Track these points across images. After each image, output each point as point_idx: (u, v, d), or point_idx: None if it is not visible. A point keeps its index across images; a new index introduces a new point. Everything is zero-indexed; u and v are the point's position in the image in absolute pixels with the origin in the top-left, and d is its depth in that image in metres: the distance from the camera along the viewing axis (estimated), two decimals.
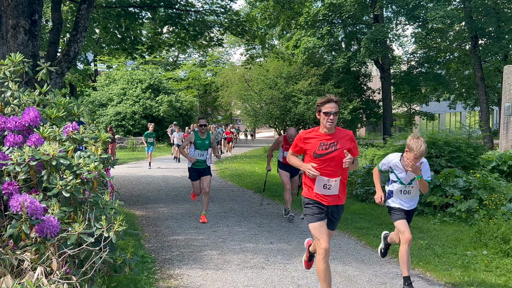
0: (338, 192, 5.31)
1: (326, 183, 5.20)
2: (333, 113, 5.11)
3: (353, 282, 6.24)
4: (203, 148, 10.08)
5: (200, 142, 10.05)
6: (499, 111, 27.00)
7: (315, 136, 5.28)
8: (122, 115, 41.22)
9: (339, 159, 5.15)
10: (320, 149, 5.18)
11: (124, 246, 6.99)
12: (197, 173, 10.20)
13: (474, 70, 35.48)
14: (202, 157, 10.12)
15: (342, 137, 5.27)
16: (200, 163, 10.09)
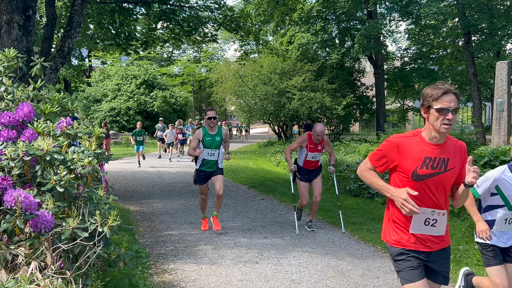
0: (444, 232, 3.61)
1: (429, 217, 3.52)
2: (452, 110, 3.39)
3: (347, 277, 6.29)
4: (213, 146, 8.46)
5: (210, 139, 8.43)
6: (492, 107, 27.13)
7: (416, 143, 3.54)
8: (117, 110, 41.16)
9: (447, 183, 3.54)
10: (424, 167, 3.48)
11: (118, 241, 7.02)
12: (206, 176, 8.67)
13: (467, 66, 35.61)
14: (213, 157, 8.50)
15: (455, 150, 3.58)
16: (210, 164, 8.53)
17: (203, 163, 8.54)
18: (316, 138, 8.55)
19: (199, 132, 8.54)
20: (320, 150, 8.77)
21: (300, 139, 8.84)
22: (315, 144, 8.66)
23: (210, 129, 8.49)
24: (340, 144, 31.02)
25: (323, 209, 10.78)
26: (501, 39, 34.69)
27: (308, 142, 8.69)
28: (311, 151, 8.67)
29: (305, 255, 7.27)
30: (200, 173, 8.66)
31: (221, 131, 8.60)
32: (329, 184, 14.46)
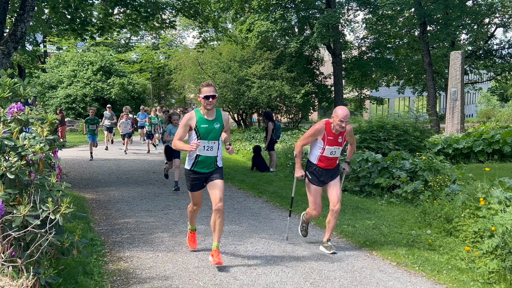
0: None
1: None
2: None
3: (302, 262, 6.37)
4: (211, 137, 6.18)
5: (207, 127, 6.17)
6: (446, 96, 27.79)
7: None
8: (73, 97, 40.38)
9: None
10: None
11: (72, 229, 6.91)
12: (200, 180, 6.39)
13: (423, 56, 36.34)
14: (211, 153, 6.23)
15: None
16: (207, 163, 6.28)
17: (196, 161, 6.28)
18: (340, 126, 6.57)
19: (190, 117, 6.23)
20: (342, 143, 6.78)
21: (315, 130, 6.75)
22: (335, 135, 6.70)
23: (206, 113, 6.20)
24: (299, 132, 31.23)
25: (282, 196, 10.87)
26: (456, 29, 35.47)
27: (325, 133, 6.69)
28: (330, 145, 6.70)
29: (262, 241, 7.33)
30: (191, 175, 6.40)
31: (221, 116, 6.35)
32: (287, 172, 14.58)
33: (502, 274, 5.60)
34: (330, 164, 6.86)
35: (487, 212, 6.72)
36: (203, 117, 6.20)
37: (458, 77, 22.32)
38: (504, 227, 5.76)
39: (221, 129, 6.29)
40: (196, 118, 6.19)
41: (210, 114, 6.23)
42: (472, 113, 74.61)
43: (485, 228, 6.28)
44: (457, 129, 21.94)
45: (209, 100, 6.13)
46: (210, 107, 6.16)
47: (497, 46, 42.00)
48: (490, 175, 10.73)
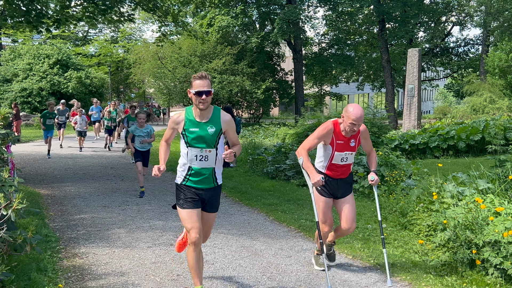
0: None
1: None
2: None
3: (260, 256, 6.41)
4: (206, 144, 4.76)
5: (198, 131, 4.74)
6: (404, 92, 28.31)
7: None
8: (28, 91, 39.43)
9: None
10: None
11: (26, 225, 6.78)
12: (195, 198, 4.87)
13: (381, 53, 36.91)
14: (207, 164, 4.83)
15: None
16: (202, 177, 4.87)
17: (188, 174, 4.88)
18: (351, 129, 5.34)
19: (178, 118, 4.89)
20: (354, 148, 5.57)
21: (322, 131, 5.48)
22: (346, 138, 5.47)
23: (198, 114, 4.77)
24: (259, 127, 31.34)
25: (241, 191, 10.90)
26: (413, 27, 36.15)
27: (334, 135, 5.44)
28: (340, 150, 5.47)
29: (220, 236, 7.34)
30: (184, 190, 4.89)
31: (219, 116, 4.84)
32: (247, 167, 14.62)
33: (454, 266, 5.76)
34: (342, 173, 5.61)
35: (440, 206, 6.89)
36: (194, 117, 4.77)
37: (415, 74, 22.76)
38: (456, 220, 5.91)
39: (219, 134, 4.80)
40: (185, 119, 4.79)
41: (204, 115, 4.75)
42: (429, 109, 76.27)
43: (438, 221, 6.44)
44: (414, 125, 22.39)
45: (202, 98, 4.64)
46: (204, 106, 4.67)
47: (453, 44, 43.05)
48: (444, 170, 11.01)
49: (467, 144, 16.45)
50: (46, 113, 17.56)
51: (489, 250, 5.36)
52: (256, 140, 21.13)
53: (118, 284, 5.37)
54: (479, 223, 5.68)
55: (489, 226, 5.57)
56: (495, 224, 5.54)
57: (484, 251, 5.40)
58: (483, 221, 5.70)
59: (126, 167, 15.30)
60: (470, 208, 6.04)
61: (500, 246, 5.29)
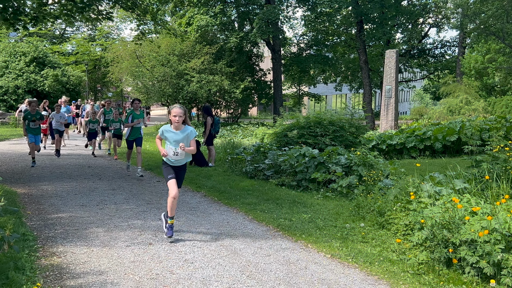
0: None
1: None
2: None
3: (239, 255, 6.42)
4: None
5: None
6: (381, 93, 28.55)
7: None
8: (4, 89, 38.87)
9: None
10: None
11: (3, 224, 6.69)
12: None
13: (359, 53, 37.17)
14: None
15: None
16: None
17: None
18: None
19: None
20: None
21: None
22: None
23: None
24: (238, 127, 31.34)
25: (220, 190, 10.89)
26: (391, 28, 36.48)
27: None
28: None
29: (199, 235, 7.33)
30: None
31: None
32: (226, 166, 14.62)
33: (431, 265, 5.84)
34: None
35: (417, 205, 6.97)
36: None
37: (393, 75, 22.98)
38: (433, 220, 5.99)
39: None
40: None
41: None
42: (406, 110, 77.04)
43: (415, 221, 6.52)
44: (391, 126, 22.61)
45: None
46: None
47: (430, 45, 43.56)
48: (421, 170, 11.14)
49: (443, 145, 16.67)
50: (28, 114, 14.69)
51: (466, 249, 5.44)
52: (235, 140, 21.14)
53: (97, 283, 5.34)
54: (456, 223, 5.76)
55: (465, 226, 5.66)
56: (471, 224, 5.63)
57: (460, 250, 5.49)
58: (459, 220, 5.79)
59: (103, 166, 15.18)
60: (447, 207, 6.13)
61: (476, 245, 5.38)
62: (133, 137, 13.28)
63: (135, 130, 13.27)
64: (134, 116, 13.16)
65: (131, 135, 13.26)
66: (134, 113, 13.17)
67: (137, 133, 13.29)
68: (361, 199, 8.65)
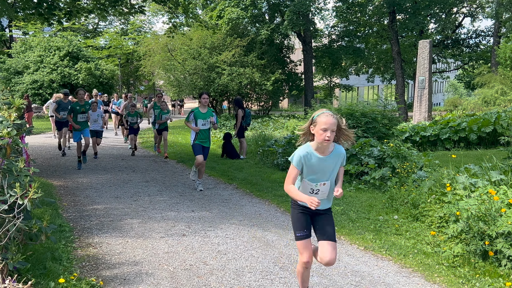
0: None
1: None
2: None
3: (272, 247, 6.44)
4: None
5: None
6: (414, 84, 28.15)
7: None
8: (39, 83, 39.59)
9: None
10: None
11: (40, 215, 6.85)
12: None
13: (391, 44, 36.68)
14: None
15: None
16: None
17: None
18: None
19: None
20: None
21: None
22: None
23: None
24: (269, 120, 31.34)
25: (251, 183, 10.92)
26: (424, 18, 35.87)
27: None
28: None
29: (232, 227, 7.37)
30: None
31: None
32: (257, 159, 14.64)
33: (466, 257, 5.76)
34: None
35: (452, 197, 6.87)
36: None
37: (426, 66, 22.63)
38: (469, 212, 5.90)
39: None
40: None
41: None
42: (440, 101, 75.84)
43: (450, 213, 6.43)
44: (425, 117, 22.29)
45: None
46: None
47: (464, 35, 42.72)
48: (456, 162, 10.97)
49: (478, 136, 16.36)
50: (76, 106, 12.99)
51: (502, 241, 5.35)
52: (266, 132, 21.15)
53: (132, 274, 5.42)
54: (492, 215, 5.67)
55: (502, 218, 5.56)
56: (508, 216, 5.53)
57: (497, 242, 5.40)
58: (496, 212, 5.69)
59: (137, 158, 15.35)
60: (483, 199, 6.03)
61: None
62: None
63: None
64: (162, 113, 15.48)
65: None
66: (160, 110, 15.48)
67: None
68: (395, 191, 8.57)
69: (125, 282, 5.17)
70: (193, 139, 10.05)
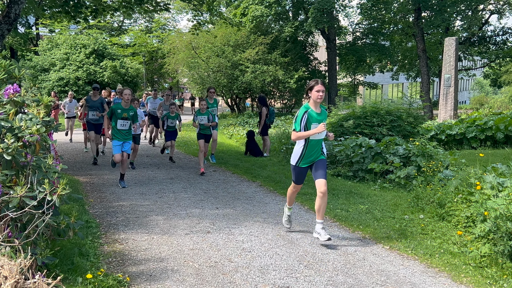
0: None
1: None
2: None
3: (296, 245, 6.43)
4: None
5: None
6: (439, 82, 27.83)
7: None
8: (65, 80, 40.09)
9: None
10: None
11: (68, 211, 6.94)
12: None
13: (417, 42, 36.29)
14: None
15: None
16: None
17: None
18: None
19: None
20: None
21: None
22: None
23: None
24: (292, 117, 31.23)
25: (275, 180, 10.91)
26: (450, 15, 35.41)
27: None
28: None
29: (256, 224, 7.38)
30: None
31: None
32: (281, 157, 14.63)
33: (494, 258, 5.67)
34: None
35: (480, 197, 6.78)
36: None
37: (452, 64, 22.36)
38: (497, 211, 5.82)
39: None
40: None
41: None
42: (465, 99, 74.85)
43: (477, 212, 6.34)
44: (450, 116, 22.03)
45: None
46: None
47: (491, 32, 42.05)
48: (483, 161, 10.82)
49: (505, 135, 16.11)
50: (117, 107, 10.19)
51: None
52: (289, 130, 21.10)
53: (157, 270, 5.46)
54: None
55: None
56: None
57: None
58: None
59: (161, 155, 15.44)
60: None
61: None
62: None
63: None
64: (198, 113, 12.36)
65: None
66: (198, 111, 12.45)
67: None
68: (420, 190, 8.49)
69: (151, 279, 5.21)
70: None
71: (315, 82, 6.47)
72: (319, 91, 6.41)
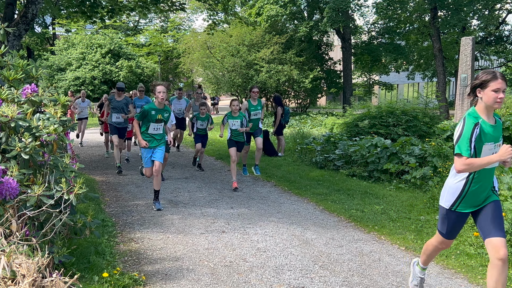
0: None
1: None
2: None
3: (311, 245, 6.41)
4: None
5: None
6: (456, 82, 27.61)
7: None
8: (81, 80, 40.42)
9: None
10: None
11: (84, 210, 6.99)
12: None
13: (433, 41, 36.02)
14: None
15: None
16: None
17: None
18: None
19: None
20: None
21: None
22: None
23: None
24: (307, 117, 31.20)
25: (290, 180, 10.90)
26: (467, 15, 35.11)
27: None
28: None
29: (271, 224, 7.37)
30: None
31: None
32: (296, 156, 14.61)
33: (511, 259, 5.62)
34: None
35: None
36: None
37: (469, 63, 22.15)
38: None
39: None
40: None
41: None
42: None
43: None
44: None
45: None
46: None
47: (508, 32, 41.65)
48: None
49: None
50: (150, 110, 8.30)
51: None
52: (304, 130, 21.07)
53: (173, 269, 5.48)
54: None
55: None
56: None
57: None
58: None
59: (176, 155, 15.50)
60: None
61: None
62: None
63: None
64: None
65: None
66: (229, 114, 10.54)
67: None
68: (436, 190, 8.43)
69: (167, 278, 5.24)
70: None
71: (491, 76, 4.00)
72: (499, 91, 4.00)
